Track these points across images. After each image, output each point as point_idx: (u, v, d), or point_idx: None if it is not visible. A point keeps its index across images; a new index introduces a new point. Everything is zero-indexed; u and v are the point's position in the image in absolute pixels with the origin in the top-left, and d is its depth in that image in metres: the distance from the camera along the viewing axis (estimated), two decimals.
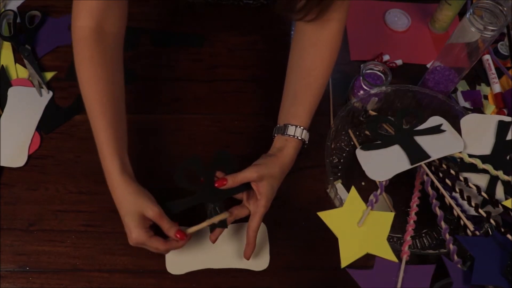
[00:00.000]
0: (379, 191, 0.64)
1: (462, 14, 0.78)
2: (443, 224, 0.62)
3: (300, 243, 0.72)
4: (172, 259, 0.69)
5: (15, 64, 0.84)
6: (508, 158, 0.66)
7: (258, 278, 0.69)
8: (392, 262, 0.55)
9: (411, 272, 0.55)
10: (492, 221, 0.61)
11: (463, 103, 0.85)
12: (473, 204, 0.63)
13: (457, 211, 0.63)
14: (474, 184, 0.64)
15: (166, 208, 0.62)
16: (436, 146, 0.67)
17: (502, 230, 0.59)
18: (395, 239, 0.70)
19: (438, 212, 0.63)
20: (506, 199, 0.63)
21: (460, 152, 0.66)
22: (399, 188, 0.72)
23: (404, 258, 0.56)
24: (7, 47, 0.85)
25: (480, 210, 0.62)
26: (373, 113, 0.73)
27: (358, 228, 0.58)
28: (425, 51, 0.91)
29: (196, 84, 0.84)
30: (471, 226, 0.61)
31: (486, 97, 0.86)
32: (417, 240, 0.72)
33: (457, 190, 0.64)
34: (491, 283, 0.53)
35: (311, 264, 0.71)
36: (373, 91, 0.75)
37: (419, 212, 0.64)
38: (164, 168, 0.75)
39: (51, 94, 0.81)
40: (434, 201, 0.64)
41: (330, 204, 0.74)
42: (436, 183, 0.66)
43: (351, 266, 0.54)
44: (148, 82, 0.84)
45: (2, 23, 0.86)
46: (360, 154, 0.68)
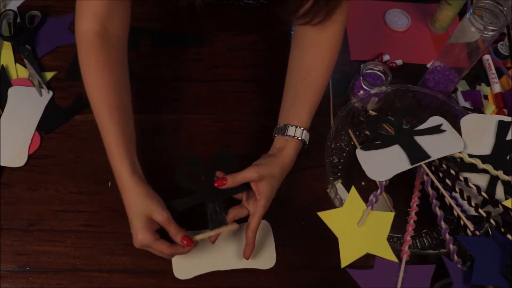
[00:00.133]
0: (379, 191, 0.64)
1: (462, 14, 0.78)
2: (443, 224, 0.62)
3: (300, 243, 0.72)
4: (178, 264, 0.68)
5: (15, 64, 0.84)
6: (508, 158, 0.66)
7: (258, 278, 0.69)
8: (392, 262, 0.55)
9: (411, 272, 0.55)
10: (492, 221, 0.61)
11: (463, 103, 0.85)
12: (473, 204, 0.63)
13: (457, 211, 0.63)
14: (474, 184, 0.64)
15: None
16: (436, 146, 0.67)
17: (502, 230, 0.59)
18: (395, 239, 0.70)
19: (438, 212, 0.63)
20: (506, 199, 0.63)
21: (460, 152, 0.66)
22: (399, 188, 0.72)
23: (404, 258, 0.56)
24: (7, 47, 0.85)
25: (480, 210, 0.62)
26: (373, 113, 0.73)
27: (358, 228, 0.58)
28: (425, 51, 0.91)
29: (196, 84, 0.84)
30: (471, 226, 0.61)
31: (486, 97, 0.86)
32: (417, 240, 0.72)
33: (457, 190, 0.64)
34: (491, 283, 0.53)
35: (311, 264, 0.71)
36: (373, 91, 0.75)
37: (419, 212, 0.64)
38: (164, 168, 0.74)
39: (51, 94, 0.81)
40: (434, 201, 0.64)
41: (330, 204, 0.74)
42: (436, 183, 0.66)
43: (351, 266, 0.54)
44: (148, 82, 0.84)
45: (2, 23, 0.86)
46: (360, 154, 0.68)
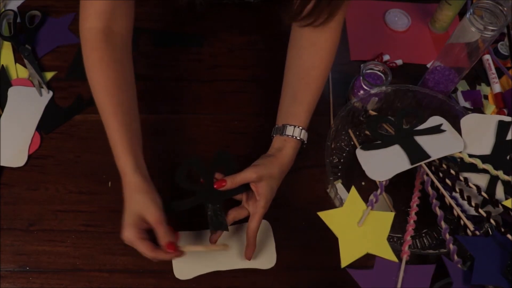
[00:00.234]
0: (379, 191, 0.64)
1: (462, 14, 0.78)
2: (443, 224, 0.62)
3: (300, 243, 0.72)
4: (179, 265, 0.68)
5: (15, 64, 0.83)
6: (508, 158, 0.66)
7: (258, 278, 0.69)
8: (392, 262, 0.55)
9: (411, 272, 0.55)
10: (492, 221, 0.61)
11: (463, 103, 0.85)
12: (473, 204, 0.63)
13: (457, 211, 0.63)
14: (474, 184, 0.64)
15: (165, 209, 0.62)
16: (436, 146, 0.67)
17: (502, 230, 0.59)
18: (395, 239, 0.70)
19: (438, 212, 0.63)
20: (506, 199, 0.63)
21: (460, 152, 0.66)
22: (399, 188, 0.72)
23: (404, 258, 0.56)
24: (7, 47, 0.85)
25: (480, 210, 0.62)
26: (373, 113, 0.73)
27: (358, 228, 0.58)
28: (425, 51, 0.91)
29: (196, 84, 0.84)
30: (471, 226, 0.61)
31: (486, 97, 0.86)
32: (417, 240, 0.72)
33: (457, 190, 0.64)
34: (491, 283, 0.53)
35: (311, 264, 0.71)
36: (373, 91, 0.75)
37: (419, 212, 0.64)
38: (164, 168, 0.75)
39: (51, 94, 0.81)
40: (434, 201, 0.64)
41: (330, 204, 0.74)
42: (436, 183, 0.66)
43: (351, 266, 0.54)
44: (149, 82, 0.84)
45: (2, 23, 0.86)
46: (360, 154, 0.68)
